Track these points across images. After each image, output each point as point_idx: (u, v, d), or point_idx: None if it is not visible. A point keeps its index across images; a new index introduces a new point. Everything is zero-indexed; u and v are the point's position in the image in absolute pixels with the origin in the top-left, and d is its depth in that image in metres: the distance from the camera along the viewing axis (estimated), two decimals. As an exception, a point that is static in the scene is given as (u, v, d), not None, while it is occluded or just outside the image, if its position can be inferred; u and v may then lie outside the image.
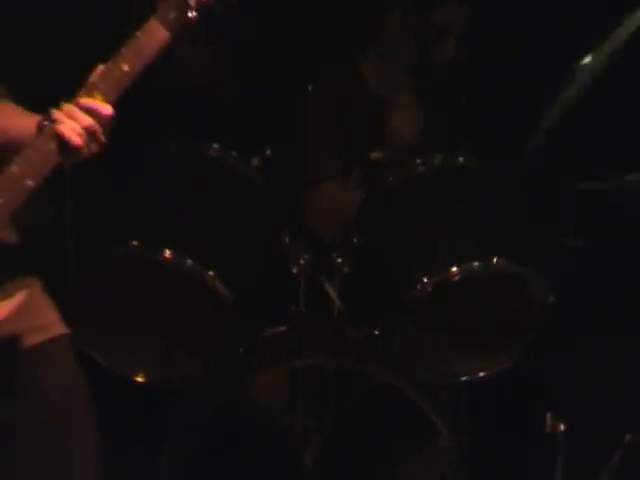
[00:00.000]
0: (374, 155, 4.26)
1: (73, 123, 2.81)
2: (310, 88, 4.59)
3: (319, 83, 4.58)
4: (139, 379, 3.88)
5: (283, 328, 3.96)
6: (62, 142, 2.77)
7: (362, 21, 4.79)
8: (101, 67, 2.86)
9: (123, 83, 2.84)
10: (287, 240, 3.99)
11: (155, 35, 2.89)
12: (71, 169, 3.22)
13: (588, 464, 4.02)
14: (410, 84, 4.59)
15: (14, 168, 2.72)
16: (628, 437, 4.07)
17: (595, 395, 4.29)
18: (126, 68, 2.84)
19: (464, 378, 3.85)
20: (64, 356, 3.05)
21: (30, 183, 2.70)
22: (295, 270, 3.95)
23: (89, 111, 2.84)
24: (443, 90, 4.70)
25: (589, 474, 4.00)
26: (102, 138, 2.82)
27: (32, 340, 2.91)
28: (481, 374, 3.83)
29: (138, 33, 2.85)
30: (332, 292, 3.98)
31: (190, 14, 2.94)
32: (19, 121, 2.96)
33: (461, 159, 3.95)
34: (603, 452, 4.08)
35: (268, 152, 4.08)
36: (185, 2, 2.92)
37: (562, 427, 3.83)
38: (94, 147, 2.82)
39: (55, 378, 3.00)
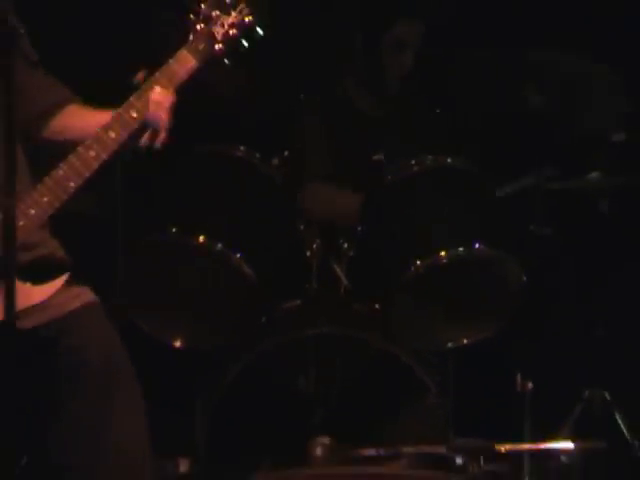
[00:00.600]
0: (376, 157, 4.34)
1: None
2: (304, 100, 4.62)
3: (313, 98, 4.65)
4: (177, 344, 4.02)
5: (298, 302, 4.09)
6: (141, 128, 2.95)
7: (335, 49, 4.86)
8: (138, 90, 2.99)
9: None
10: (301, 228, 4.13)
11: (185, 63, 3.02)
12: (122, 168, 3.42)
13: (552, 417, 4.16)
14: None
15: (60, 171, 2.85)
16: (586, 393, 4.15)
17: (557, 358, 4.37)
18: (158, 90, 3.03)
19: (450, 345, 4.00)
20: (98, 317, 3.10)
21: (72, 185, 2.86)
22: (308, 254, 4.13)
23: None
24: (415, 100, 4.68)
25: (553, 425, 4.12)
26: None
27: (71, 306, 3.00)
28: (465, 342, 3.99)
29: (170, 60, 3.00)
30: (340, 272, 4.12)
31: (217, 47, 3.07)
32: (92, 119, 3.06)
33: (449, 160, 4.09)
34: (565, 406, 4.25)
35: (286, 154, 4.23)
36: (213, 36, 3.05)
37: (530, 386, 3.90)
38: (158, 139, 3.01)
39: (93, 336, 3.04)
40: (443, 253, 3.87)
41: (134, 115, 2.93)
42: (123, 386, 3.08)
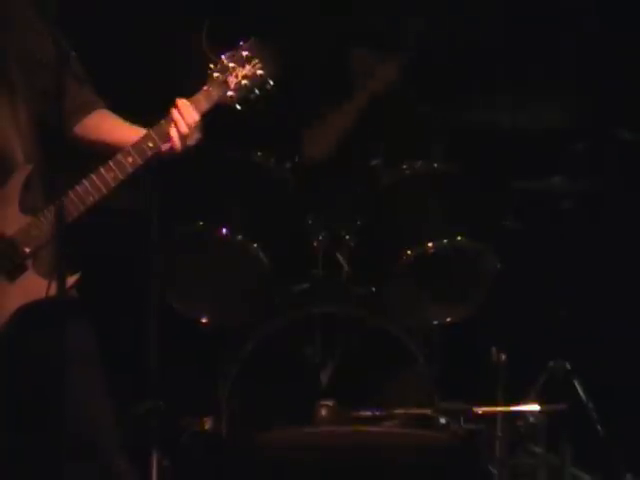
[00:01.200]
0: (373, 162, 4.38)
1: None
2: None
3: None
4: (203, 320, 4.10)
5: (307, 285, 4.17)
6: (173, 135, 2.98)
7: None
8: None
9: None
10: (310, 222, 4.22)
11: (198, 105, 3.05)
12: (156, 169, 3.22)
13: (521, 384, 4.17)
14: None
15: (81, 186, 2.89)
16: (550, 363, 4.22)
17: (527, 334, 4.31)
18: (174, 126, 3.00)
19: (435, 322, 4.13)
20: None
21: (91, 199, 2.93)
22: (315, 244, 4.19)
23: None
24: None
25: (522, 391, 4.13)
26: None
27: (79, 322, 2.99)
28: (448, 320, 4.12)
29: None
30: (342, 260, 4.20)
31: (229, 94, 3.10)
32: (120, 125, 3.11)
33: (435, 165, 4.19)
34: (532, 375, 4.27)
35: (297, 159, 4.29)
36: (227, 84, 3.08)
37: (503, 357, 3.98)
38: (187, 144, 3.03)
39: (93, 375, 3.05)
40: (430, 244, 3.98)
41: (150, 145, 2.97)
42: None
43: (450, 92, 4.50)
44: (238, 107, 3.12)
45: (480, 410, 3.85)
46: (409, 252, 3.99)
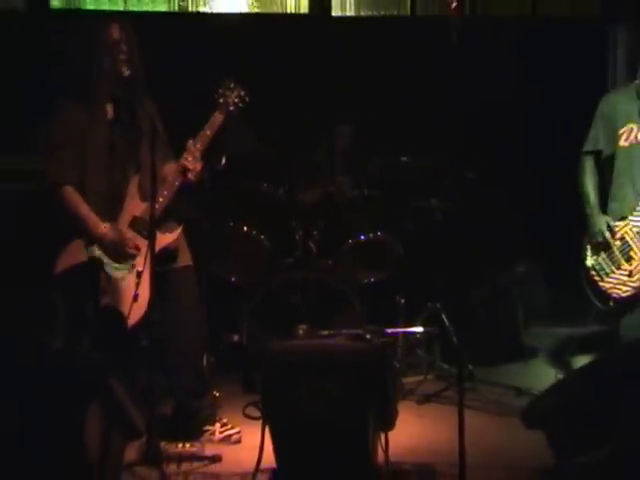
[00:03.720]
0: (330, 188, 4.37)
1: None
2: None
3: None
4: (233, 279, 4.31)
5: (291, 260, 4.31)
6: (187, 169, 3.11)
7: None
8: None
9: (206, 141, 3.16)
10: (294, 224, 4.37)
11: (216, 120, 3.19)
12: (209, 184, 3.44)
13: (412, 315, 4.27)
14: None
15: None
16: (429, 304, 4.29)
17: (416, 288, 4.31)
18: (209, 132, 3.19)
19: (365, 281, 4.32)
20: (191, 278, 3.31)
21: (161, 200, 3.10)
22: (297, 237, 4.33)
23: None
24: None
25: (412, 319, 4.24)
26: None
27: (181, 262, 3.25)
28: (372, 280, 4.34)
29: (210, 120, 3.18)
30: (312, 246, 4.33)
31: (231, 108, 3.20)
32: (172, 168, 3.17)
33: (365, 191, 4.32)
34: (420, 311, 4.33)
35: (287, 186, 4.37)
36: (227, 103, 3.18)
37: (402, 301, 4.19)
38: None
39: (186, 288, 3.28)
40: (362, 237, 4.26)
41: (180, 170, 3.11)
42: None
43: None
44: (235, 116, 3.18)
45: (389, 330, 4.10)
46: (350, 241, 4.25)
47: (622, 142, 3.25)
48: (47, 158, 3.11)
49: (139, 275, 3.00)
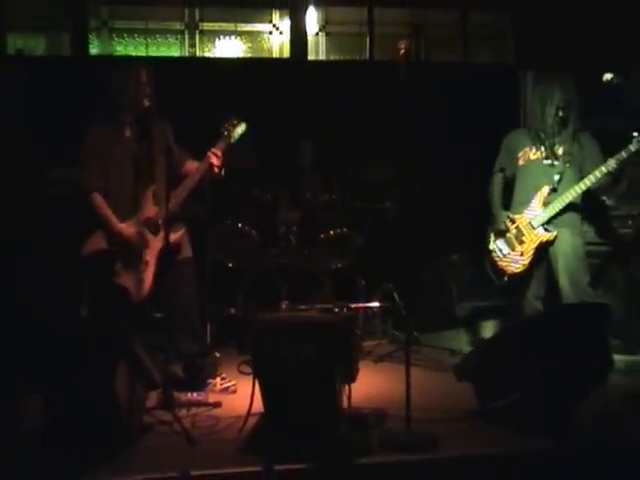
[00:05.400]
0: (307, 194, 4.27)
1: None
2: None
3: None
4: (230, 265, 4.24)
5: (275, 250, 4.21)
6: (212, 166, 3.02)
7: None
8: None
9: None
10: (280, 225, 4.26)
11: (218, 149, 3.10)
12: (210, 187, 3.36)
13: (371, 295, 4.21)
14: None
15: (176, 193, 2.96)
16: (384, 284, 4.16)
17: (373, 272, 4.22)
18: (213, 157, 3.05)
19: (334, 267, 4.22)
20: (190, 267, 3.20)
21: (181, 198, 3.06)
22: (280, 231, 4.25)
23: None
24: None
25: (370, 298, 4.17)
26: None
27: (184, 255, 3.16)
28: (339, 265, 4.23)
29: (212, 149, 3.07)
30: (293, 239, 4.25)
31: (231, 140, 3.13)
32: (193, 164, 3.12)
33: (333, 197, 4.25)
34: (374, 292, 4.22)
35: (274, 192, 4.33)
36: (230, 136, 3.10)
37: (363, 283, 4.12)
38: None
39: (187, 275, 3.17)
40: (332, 232, 4.20)
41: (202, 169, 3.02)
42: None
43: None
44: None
45: (353, 305, 4.05)
46: (322, 235, 4.19)
47: (520, 162, 3.51)
48: (80, 170, 3.08)
49: (147, 264, 3.01)
